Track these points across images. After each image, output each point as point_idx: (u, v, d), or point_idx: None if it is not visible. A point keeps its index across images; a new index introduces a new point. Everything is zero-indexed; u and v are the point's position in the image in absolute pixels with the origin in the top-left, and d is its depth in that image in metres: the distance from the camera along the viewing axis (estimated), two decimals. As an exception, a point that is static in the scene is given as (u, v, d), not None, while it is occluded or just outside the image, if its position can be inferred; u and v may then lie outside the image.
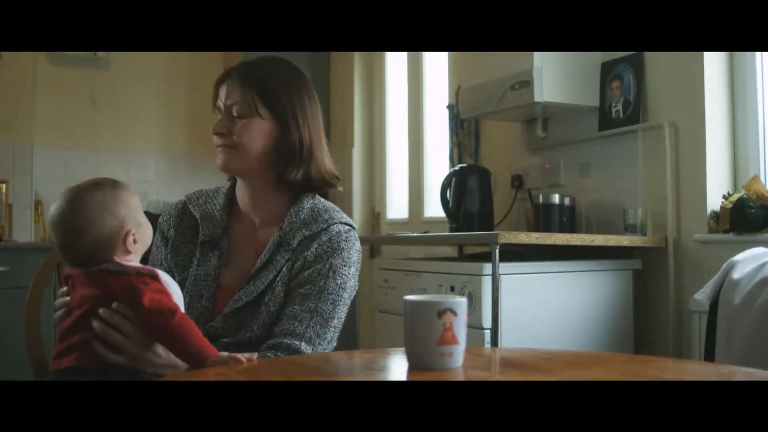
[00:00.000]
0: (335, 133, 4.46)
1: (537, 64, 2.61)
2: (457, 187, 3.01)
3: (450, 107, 3.53)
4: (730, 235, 2.28)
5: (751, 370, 1.08)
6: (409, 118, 4.08)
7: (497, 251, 2.23)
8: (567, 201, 2.78)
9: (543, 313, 2.37)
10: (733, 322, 1.83)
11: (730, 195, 2.35)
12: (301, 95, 1.44)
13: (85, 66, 4.30)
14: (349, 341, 3.26)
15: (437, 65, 3.84)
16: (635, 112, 2.63)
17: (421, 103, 3.99)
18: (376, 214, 4.41)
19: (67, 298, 1.26)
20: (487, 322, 2.25)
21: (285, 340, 1.33)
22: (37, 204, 4.05)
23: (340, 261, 1.40)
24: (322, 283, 1.38)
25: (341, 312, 1.40)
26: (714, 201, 2.40)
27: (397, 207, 4.26)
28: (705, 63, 2.41)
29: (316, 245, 1.41)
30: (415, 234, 3.12)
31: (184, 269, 1.45)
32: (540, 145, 3.05)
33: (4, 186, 3.88)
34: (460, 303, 1.01)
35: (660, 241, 2.50)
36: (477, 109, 2.94)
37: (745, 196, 2.26)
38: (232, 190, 1.53)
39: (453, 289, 2.38)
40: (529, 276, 2.38)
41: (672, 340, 2.46)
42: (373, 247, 4.11)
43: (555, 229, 2.72)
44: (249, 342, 1.35)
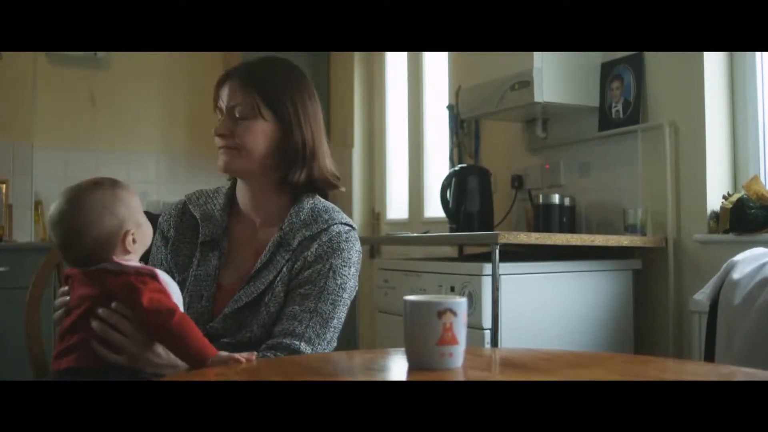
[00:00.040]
0: (335, 133, 4.46)
1: (537, 64, 2.61)
2: (457, 187, 3.01)
3: (450, 107, 3.53)
4: (730, 236, 2.28)
5: (751, 370, 1.08)
6: (409, 118, 4.08)
7: (497, 251, 2.23)
8: (567, 201, 2.78)
9: (543, 313, 2.37)
10: (733, 322, 1.82)
11: (730, 195, 2.35)
12: (302, 95, 1.44)
13: (85, 66, 4.30)
14: (349, 341, 3.25)
15: (437, 65, 3.84)
16: (635, 112, 2.63)
17: (421, 103, 3.99)
18: (376, 215, 4.41)
19: (66, 297, 1.26)
20: (487, 323, 2.25)
21: (285, 340, 1.33)
22: (37, 204, 4.05)
23: (340, 261, 1.40)
24: (322, 284, 1.38)
25: (341, 312, 1.40)
26: (714, 201, 2.40)
27: (397, 207, 4.26)
28: (705, 63, 2.41)
29: (316, 245, 1.41)
30: (415, 234, 3.12)
31: (184, 269, 1.45)
32: (540, 145, 3.05)
33: (4, 186, 3.88)
34: (460, 303, 1.01)
35: (660, 242, 2.50)
36: (477, 109, 2.94)
37: (745, 197, 2.26)
38: (233, 190, 1.53)
39: (453, 289, 2.38)
40: (529, 276, 2.38)
41: (672, 341, 2.46)
42: (373, 248, 4.11)
43: (555, 230, 2.72)
44: (249, 342, 1.35)
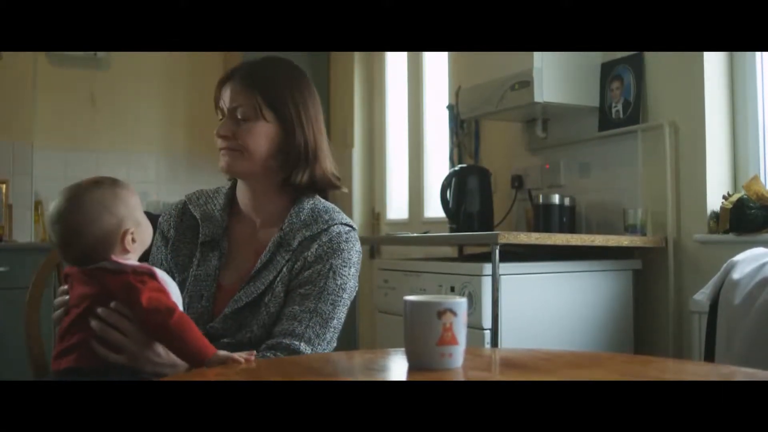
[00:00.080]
0: (335, 133, 4.46)
1: (537, 64, 2.61)
2: (457, 187, 3.01)
3: (450, 107, 3.53)
4: (730, 236, 2.28)
5: (751, 370, 1.08)
6: (409, 118, 4.08)
7: (497, 251, 2.23)
8: (567, 201, 2.78)
9: (543, 313, 2.37)
10: (733, 322, 1.82)
11: (730, 195, 2.35)
12: (304, 96, 1.44)
13: (85, 66, 4.30)
14: (349, 341, 3.25)
15: (437, 65, 3.84)
16: (635, 112, 2.63)
17: (421, 103, 3.99)
18: (376, 215, 4.41)
19: (66, 297, 1.26)
20: (487, 323, 2.25)
21: (284, 340, 1.33)
22: (37, 204, 4.05)
23: (340, 262, 1.40)
24: (322, 284, 1.38)
25: (341, 312, 1.40)
26: (714, 201, 2.40)
27: (397, 207, 4.26)
28: (705, 63, 2.41)
29: (316, 246, 1.41)
30: (415, 234, 3.12)
31: (184, 269, 1.45)
32: (540, 145, 3.05)
33: (4, 186, 3.88)
34: (460, 303, 1.01)
35: (660, 242, 2.50)
36: (477, 110, 2.94)
37: (745, 197, 2.26)
38: (233, 190, 1.52)
39: (453, 289, 2.38)
40: (529, 276, 2.38)
41: (672, 341, 2.46)
42: (373, 248, 4.11)
43: (555, 230, 2.72)
44: (249, 342, 1.35)
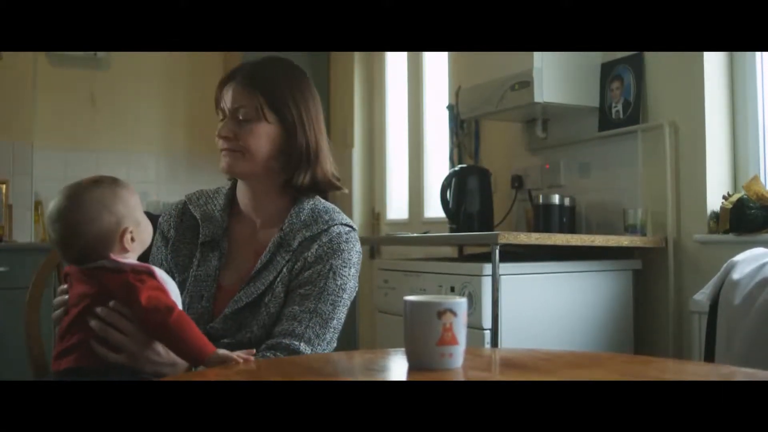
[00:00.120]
0: (335, 133, 4.46)
1: (537, 64, 2.61)
2: (457, 187, 3.00)
3: (450, 107, 3.53)
4: (730, 236, 2.28)
5: (751, 370, 1.08)
6: (409, 118, 4.08)
7: (497, 252, 2.23)
8: (567, 201, 2.78)
9: (543, 313, 2.37)
10: (733, 322, 1.82)
11: (730, 195, 2.35)
12: (305, 96, 1.44)
13: (85, 66, 4.30)
14: (349, 342, 3.25)
15: (437, 65, 3.84)
16: (635, 112, 2.63)
17: (421, 103, 3.98)
18: (376, 215, 4.41)
19: (65, 296, 1.26)
20: (487, 323, 2.25)
21: (284, 341, 1.33)
22: (37, 204, 4.04)
23: (340, 262, 1.40)
24: (322, 284, 1.38)
25: (341, 313, 1.40)
26: (714, 201, 2.40)
27: (397, 207, 4.26)
28: (705, 63, 2.41)
29: (316, 246, 1.41)
30: (415, 234, 3.12)
31: (184, 270, 1.45)
32: (540, 145, 3.05)
33: (4, 186, 3.88)
34: (460, 303, 1.01)
35: (660, 242, 2.50)
36: (477, 110, 2.94)
37: (745, 197, 2.26)
38: (233, 190, 1.52)
39: (453, 289, 2.38)
40: (529, 276, 2.38)
41: (672, 341, 2.46)
42: (373, 248, 4.11)
43: (555, 230, 2.72)
44: (249, 342, 1.35)
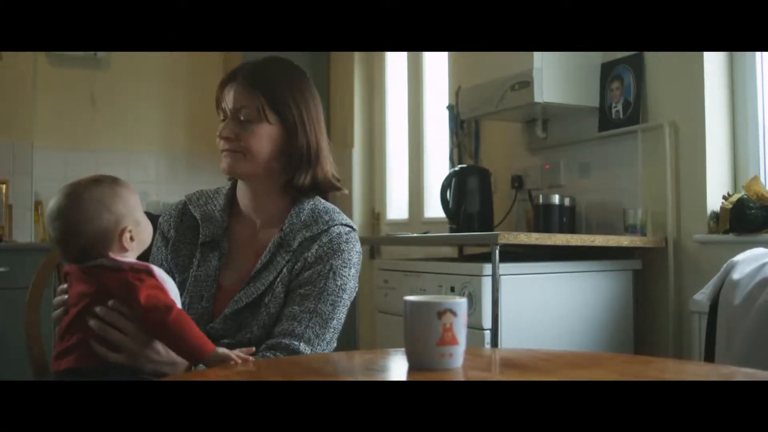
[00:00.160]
0: (335, 133, 4.45)
1: (537, 64, 2.61)
2: (457, 187, 3.00)
3: (450, 107, 3.53)
4: (730, 236, 2.28)
5: (751, 370, 1.07)
6: (409, 118, 4.08)
7: (497, 252, 2.23)
8: (567, 201, 2.78)
9: (543, 313, 2.37)
10: (733, 322, 1.82)
11: (730, 195, 2.35)
12: (305, 97, 1.44)
13: (85, 66, 4.30)
14: (349, 342, 3.25)
15: (437, 65, 3.84)
16: (635, 112, 2.63)
17: (421, 103, 3.98)
18: (376, 215, 4.41)
19: (65, 296, 1.26)
20: (487, 323, 2.25)
21: (284, 341, 1.33)
22: (37, 204, 4.04)
23: (340, 262, 1.40)
24: (321, 284, 1.38)
25: (341, 313, 1.40)
26: (714, 201, 2.40)
27: (397, 207, 4.26)
28: (705, 63, 2.41)
29: (316, 246, 1.41)
30: (415, 234, 3.12)
31: (184, 270, 1.45)
32: (540, 145, 3.05)
33: (4, 186, 3.88)
34: (460, 303, 1.01)
35: (660, 242, 2.50)
36: (477, 110, 2.94)
37: (745, 197, 2.26)
38: (233, 190, 1.52)
39: (453, 289, 2.38)
40: (529, 276, 2.38)
41: (672, 341, 2.46)
42: (373, 248, 4.11)
43: (555, 230, 2.72)
44: (249, 343, 1.35)
